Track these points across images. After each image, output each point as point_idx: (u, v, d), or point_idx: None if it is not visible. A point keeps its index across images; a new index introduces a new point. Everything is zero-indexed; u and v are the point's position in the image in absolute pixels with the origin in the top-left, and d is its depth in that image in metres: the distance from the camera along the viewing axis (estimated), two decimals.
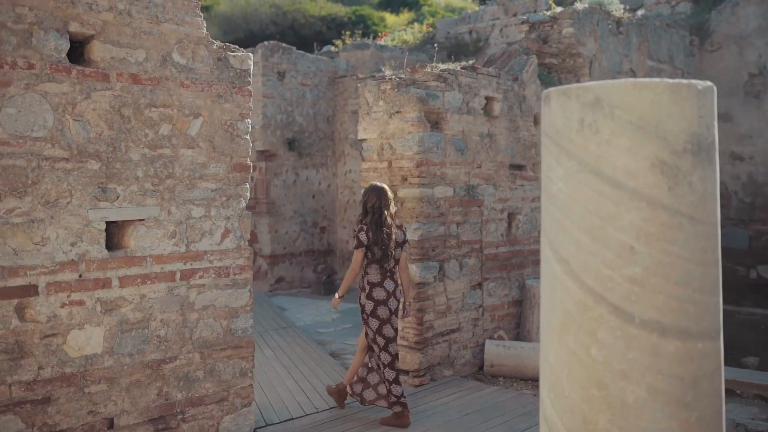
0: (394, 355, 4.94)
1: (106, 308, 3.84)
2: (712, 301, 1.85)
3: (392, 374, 4.91)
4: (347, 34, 17.31)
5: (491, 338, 6.48)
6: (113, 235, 3.98)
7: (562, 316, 1.94)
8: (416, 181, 5.82)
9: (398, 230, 5.00)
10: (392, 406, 4.86)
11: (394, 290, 4.95)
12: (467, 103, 6.29)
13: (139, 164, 3.96)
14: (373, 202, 4.92)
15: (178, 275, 4.14)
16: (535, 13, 9.26)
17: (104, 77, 3.80)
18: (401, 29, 17.89)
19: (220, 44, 4.36)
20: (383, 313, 4.89)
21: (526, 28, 7.99)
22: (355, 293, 7.45)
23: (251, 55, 4.50)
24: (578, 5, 8.05)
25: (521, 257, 6.93)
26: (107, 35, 3.82)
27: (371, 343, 4.96)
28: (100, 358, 3.82)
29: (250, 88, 4.49)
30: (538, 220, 7.06)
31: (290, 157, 11.42)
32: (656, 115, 1.82)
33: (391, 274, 4.95)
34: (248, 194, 4.50)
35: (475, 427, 4.81)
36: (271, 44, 11.19)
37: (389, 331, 4.91)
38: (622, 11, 8.99)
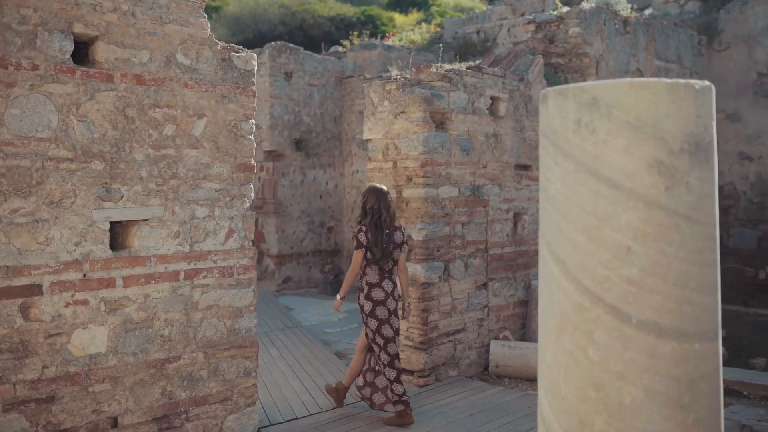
0: (393, 355, 4.95)
1: (110, 308, 3.85)
2: (709, 301, 1.84)
3: (393, 373, 4.92)
4: (355, 34, 17.29)
5: (496, 338, 6.47)
6: (117, 235, 4.00)
7: (559, 316, 1.94)
8: (421, 181, 5.82)
9: (397, 231, 5.02)
10: (395, 405, 4.87)
11: (392, 291, 4.98)
12: (472, 103, 6.28)
13: (143, 164, 3.98)
14: (372, 203, 4.95)
15: (181, 275, 4.15)
16: (542, 12, 9.23)
17: (108, 78, 3.82)
18: (409, 29, 17.87)
19: (224, 45, 4.38)
20: (382, 313, 4.92)
21: (532, 27, 7.98)
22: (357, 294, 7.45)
23: (255, 55, 4.50)
24: (585, 5, 8.02)
25: (527, 257, 6.91)
26: (111, 36, 3.84)
27: (371, 343, 4.98)
28: (104, 357, 3.84)
29: (254, 88, 4.50)
30: None
31: (297, 157, 11.44)
32: (653, 115, 1.81)
33: (389, 274, 4.98)
34: (252, 194, 4.51)
35: (478, 427, 4.80)
36: (278, 45, 11.21)
37: (388, 331, 4.93)
38: (629, 11, 8.95)
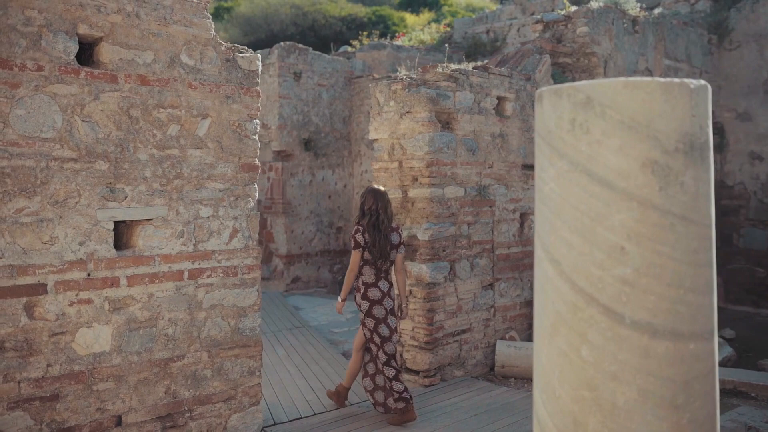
0: (390, 354, 4.96)
1: (114, 307, 3.88)
2: (705, 302, 1.83)
3: (392, 371, 4.93)
4: (364, 34, 17.30)
5: (503, 339, 6.45)
6: (122, 234, 4.02)
7: (553, 316, 1.93)
8: (427, 181, 5.82)
9: (394, 232, 5.07)
10: (395, 402, 4.88)
11: (388, 290, 5.02)
12: (479, 103, 6.27)
13: (147, 164, 4.00)
14: (370, 204, 5.00)
15: (185, 274, 4.17)
16: (551, 12, 9.19)
17: (112, 78, 3.85)
18: (419, 29, 17.85)
19: (228, 45, 4.39)
20: (379, 312, 4.96)
21: (540, 27, 7.95)
22: None
23: (259, 56, 4.52)
24: (593, 4, 7.99)
25: (534, 258, 6.86)
26: (116, 37, 3.86)
27: (369, 342, 5.01)
28: (108, 356, 3.86)
29: (258, 88, 4.51)
30: None
31: (306, 157, 11.45)
32: (647, 114, 1.80)
33: (385, 274, 5.03)
34: (256, 194, 4.52)
35: (483, 427, 4.79)
36: (287, 45, 11.22)
37: (385, 330, 4.96)
38: (638, 10, 8.90)
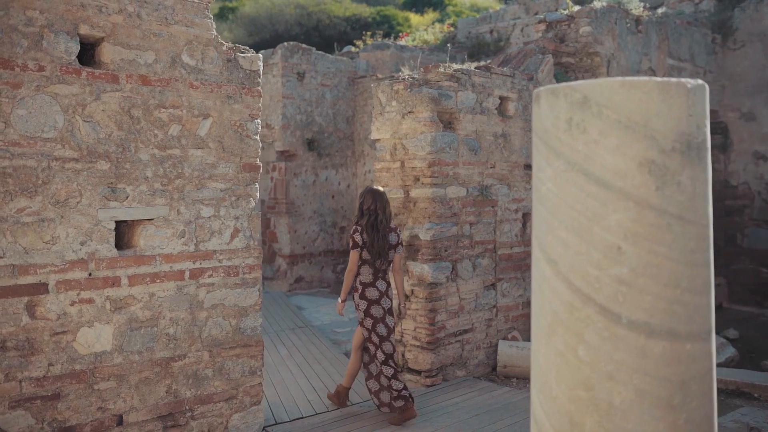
0: (389, 353, 4.98)
1: (115, 306, 3.89)
2: (702, 302, 1.83)
3: (390, 370, 4.95)
4: (368, 34, 17.30)
5: (505, 339, 6.45)
6: (123, 234, 4.03)
7: (550, 316, 1.93)
8: (428, 181, 5.82)
9: (392, 233, 5.09)
10: (395, 401, 4.89)
11: (386, 290, 5.05)
12: (481, 102, 6.26)
13: (148, 164, 4.01)
14: (368, 204, 5.03)
15: (187, 274, 4.18)
16: (554, 12, 9.18)
17: (114, 79, 3.86)
18: (423, 29, 17.85)
19: (229, 45, 4.40)
20: (377, 312, 4.98)
21: (543, 27, 7.94)
22: None
23: (260, 56, 4.52)
24: (596, 4, 7.98)
25: None
26: (117, 37, 3.87)
27: (367, 342, 5.03)
28: (109, 355, 3.87)
29: (259, 89, 4.51)
30: None
31: (310, 157, 11.46)
32: (644, 114, 1.79)
33: (383, 274, 5.05)
34: (258, 194, 4.53)
35: (485, 427, 4.79)
36: (290, 45, 11.23)
37: (383, 329, 4.98)
38: (641, 9, 8.89)
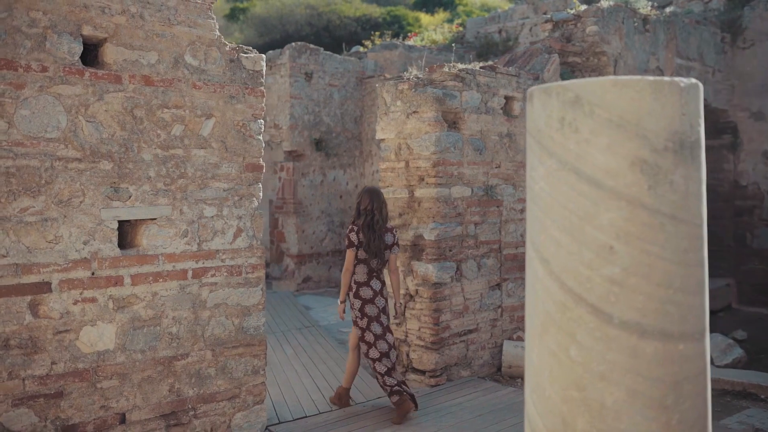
0: (383, 352, 5.00)
1: (118, 305, 3.91)
2: (695, 302, 1.82)
3: (383, 368, 4.97)
4: (377, 34, 17.31)
5: (510, 339, 6.43)
6: (126, 233, 4.06)
7: (542, 316, 1.93)
8: (433, 180, 5.81)
9: (388, 233, 5.13)
10: (390, 396, 4.92)
11: (381, 289, 5.08)
12: (486, 102, 6.25)
13: (151, 164, 4.03)
14: (366, 204, 5.07)
15: (189, 273, 4.20)
16: (562, 11, 9.14)
17: (117, 79, 3.88)
18: (432, 29, 17.84)
19: (232, 46, 4.41)
20: (371, 311, 5.01)
21: (549, 26, 7.92)
22: None
23: (263, 56, 4.53)
24: (603, 3, 7.94)
25: None
26: (120, 38, 3.90)
27: (361, 341, 5.05)
28: (112, 354, 3.90)
29: (262, 89, 4.53)
30: None
31: (317, 157, 11.48)
32: (636, 113, 1.79)
33: (377, 273, 5.09)
34: (261, 194, 4.54)
35: (488, 427, 4.78)
36: (298, 45, 11.25)
37: (377, 328, 5.01)
38: (649, 9, 8.84)
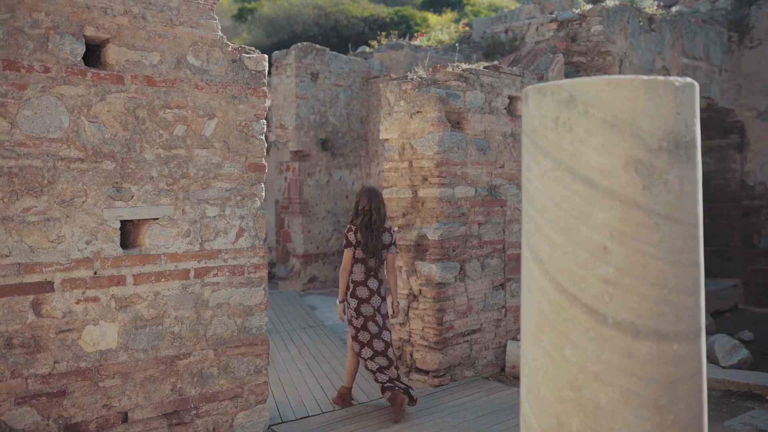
0: (378, 350, 5.04)
1: (120, 305, 3.93)
2: (690, 302, 1.81)
3: (375, 365, 5.02)
4: (383, 34, 17.30)
5: (514, 339, 6.42)
6: (128, 233, 4.07)
7: (537, 316, 1.92)
8: (436, 180, 5.81)
9: (386, 233, 5.16)
10: (383, 393, 4.98)
11: (378, 288, 5.10)
12: (489, 102, 6.24)
13: (153, 164, 4.05)
14: (364, 204, 5.12)
15: (192, 273, 4.21)
16: (568, 11, 9.12)
17: (119, 79, 3.90)
18: (438, 29, 17.82)
19: (234, 46, 4.42)
20: (366, 310, 5.05)
21: (554, 26, 7.90)
22: None
23: (266, 56, 4.54)
24: (608, 2, 7.92)
25: None
26: (122, 39, 3.91)
27: (354, 340, 5.09)
28: (114, 353, 3.91)
29: (265, 89, 4.54)
30: None
31: (323, 157, 11.49)
32: (631, 112, 1.78)
33: (375, 273, 5.12)
34: (263, 194, 4.55)
35: (490, 427, 4.78)
36: (304, 45, 11.25)
37: (373, 327, 5.04)
38: (655, 8, 8.81)
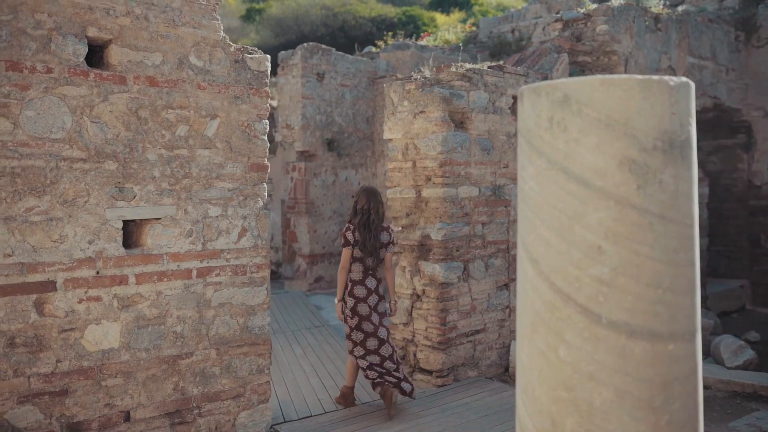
0: (370, 349, 5.08)
1: (122, 304, 3.94)
2: (685, 302, 1.81)
3: (365, 363, 5.08)
4: (389, 34, 17.30)
5: None
6: (131, 233, 4.09)
7: (531, 316, 1.92)
8: (440, 180, 5.81)
9: (384, 232, 5.19)
10: (373, 388, 5.06)
11: (376, 287, 5.13)
12: (493, 102, 6.24)
13: (155, 164, 4.06)
14: (362, 203, 5.15)
15: (194, 273, 4.22)
16: (574, 10, 9.09)
17: (121, 80, 3.91)
18: (444, 29, 17.80)
19: (237, 46, 4.44)
20: (362, 309, 5.08)
21: (559, 26, 7.88)
22: None
23: (268, 57, 4.55)
24: (613, 2, 7.89)
25: None
26: (124, 39, 3.93)
27: (347, 339, 5.17)
28: (116, 352, 3.93)
29: (267, 89, 4.55)
30: None
31: (329, 157, 11.50)
32: (625, 112, 1.78)
33: (373, 272, 5.15)
34: (266, 194, 4.56)
35: (492, 428, 4.77)
36: (310, 46, 11.27)
37: (368, 326, 5.08)
38: (660, 7, 8.77)
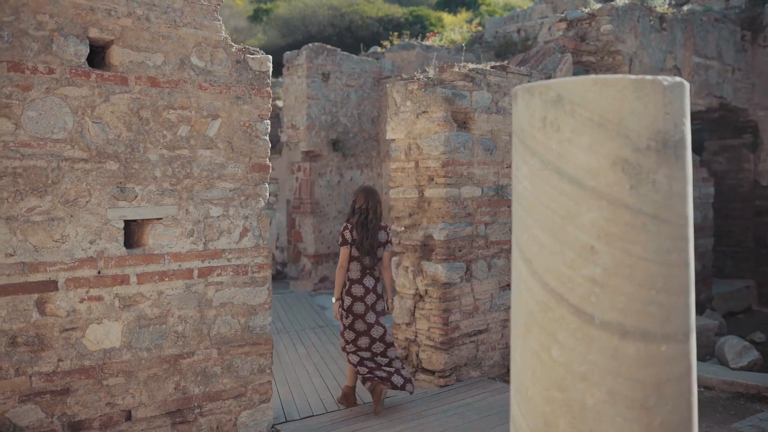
0: (362, 347, 5.12)
1: (124, 304, 3.96)
2: (679, 302, 1.80)
3: (356, 358, 5.12)
4: (395, 35, 17.30)
5: None
6: (132, 233, 4.11)
7: (525, 316, 1.92)
8: (442, 180, 5.81)
9: (382, 231, 5.22)
10: (363, 384, 5.12)
11: (373, 286, 5.16)
12: (496, 102, 6.23)
13: (157, 164, 4.08)
14: (361, 203, 5.18)
15: (195, 273, 4.24)
16: (577, 10, 9.07)
17: (123, 81, 3.93)
18: (451, 29, 17.78)
19: (239, 47, 4.45)
20: (358, 309, 5.12)
21: (563, 25, 7.86)
22: None
23: (270, 57, 4.56)
24: (618, 1, 7.87)
25: None
26: (126, 40, 3.95)
27: (340, 336, 5.21)
28: (118, 351, 3.95)
29: (269, 89, 4.56)
30: None
31: (334, 157, 11.51)
32: (618, 112, 1.78)
33: (370, 271, 5.18)
34: (267, 194, 4.57)
35: (494, 428, 4.77)
36: (315, 46, 11.28)
37: (361, 325, 5.13)
38: (666, 6, 8.74)
